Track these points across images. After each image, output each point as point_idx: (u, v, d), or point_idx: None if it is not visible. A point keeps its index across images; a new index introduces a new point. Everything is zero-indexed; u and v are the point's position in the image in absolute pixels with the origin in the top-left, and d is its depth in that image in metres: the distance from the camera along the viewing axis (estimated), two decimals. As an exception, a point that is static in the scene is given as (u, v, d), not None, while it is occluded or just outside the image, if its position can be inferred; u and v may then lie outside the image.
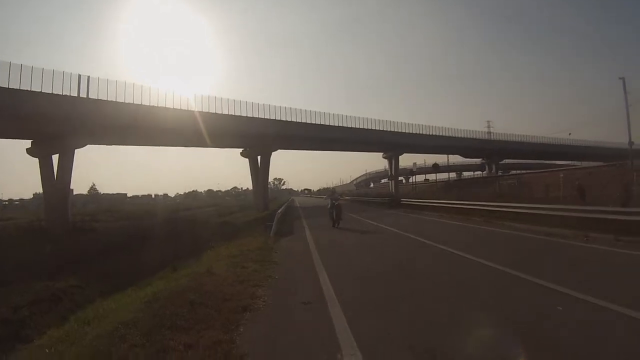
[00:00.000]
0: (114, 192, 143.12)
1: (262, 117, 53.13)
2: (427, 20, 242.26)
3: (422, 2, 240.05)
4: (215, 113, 48.25)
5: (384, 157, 74.76)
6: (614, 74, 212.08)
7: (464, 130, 77.50)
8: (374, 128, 65.34)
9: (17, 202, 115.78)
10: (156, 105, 43.27)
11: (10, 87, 32.53)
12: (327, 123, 60.22)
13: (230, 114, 49.82)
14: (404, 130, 68.86)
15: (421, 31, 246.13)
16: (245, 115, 51.26)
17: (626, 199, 21.83)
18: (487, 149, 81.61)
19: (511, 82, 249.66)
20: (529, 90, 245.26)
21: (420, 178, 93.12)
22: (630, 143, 49.00)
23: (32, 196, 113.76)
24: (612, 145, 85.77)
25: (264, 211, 45.44)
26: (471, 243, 14.04)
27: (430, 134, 72.13)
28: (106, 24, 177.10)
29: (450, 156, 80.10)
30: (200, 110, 46.81)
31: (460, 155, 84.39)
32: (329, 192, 29.77)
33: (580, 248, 12.23)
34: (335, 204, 23.31)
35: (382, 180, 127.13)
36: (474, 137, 79.59)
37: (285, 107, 55.95)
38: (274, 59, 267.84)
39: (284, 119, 55.58)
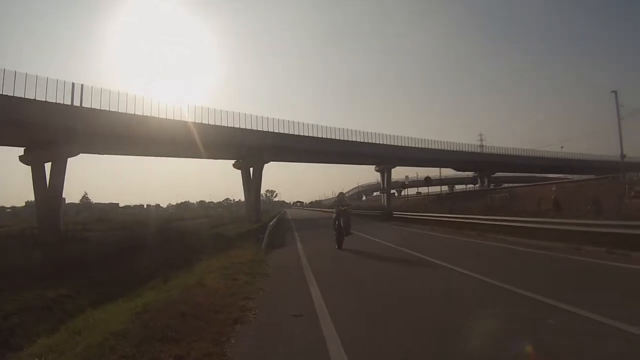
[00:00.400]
0: (106, 202, 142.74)
1: (255, 128, 53.38)
2: (420, 34, 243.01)
3: (409, 16, 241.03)
4: (209, 124, 48.49)
5: (376, 170, 75.10)
6: (608, 86, 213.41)
7: (456, 143, 78.28)
8: (367, 141, 65.82)
9: (9, 210, 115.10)
10: (149, 115, 43.39)
11: (3, 93, 32.49)
12: (320, 135, 60.53)
13: (223, 125, 50.02)
14: (396, 144, 69.41)
15: (415, 45, 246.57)
16: (238, 126, 51.47)
17: (596, 211, 22.23)
18: (479, 162, 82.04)
19: (504, 94, 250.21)
20: (521, 102, 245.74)
21: (412, 191, 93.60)
22: (622, 156, 49.59)
23: (24, 204, 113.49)
24: (605, 158, 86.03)
25: (256, 223, 45.44)
26: (461, 256, 14.17)
27: (423, 147, 72.63)
28: (100, 28, 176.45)
29: (443, 169, 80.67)
30: (194, 120, 46.96)
31: (453, 168, 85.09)
32: (336, 200, 20.70)
33: (573, 261, 12.33)
34: (342, 209, 18.27)
35: (374, 193, 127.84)
36: (466, 150, 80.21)
37: (279, 119, 56.43)
38: (269, 65, 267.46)
39: (277, 131, 55.89)
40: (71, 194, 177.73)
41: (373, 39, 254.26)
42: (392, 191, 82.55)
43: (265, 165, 57.67)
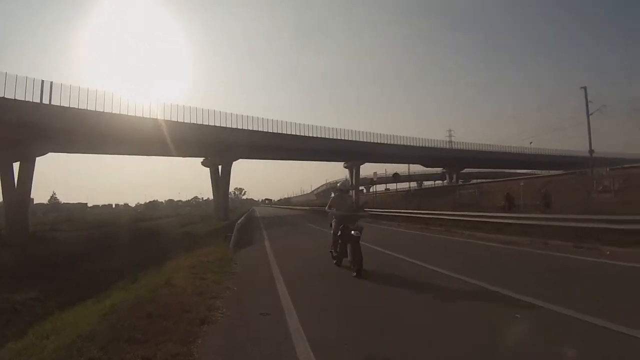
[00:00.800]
0: (75, 202, 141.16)
1: (226, 125, 53.48)
2: (389, 28, 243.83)
3: (384, 10, 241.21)
4: (178, 121, 48.55)
5: (345, 167, 76.04)
6: (577, 81, 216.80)
7: (424, 139, 79.35)
8: (335, 137, 66.34)
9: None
10: (119, 113, 43.13)
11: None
12: (289, 132, 60.96)
13: (192, 122, 50.04)
14: (365, 140, 70.05)
15: (383, 39, 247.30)
16: (207, 123, 51.52)
17: (545, 206, 22.86)
18: (448, 158, 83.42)
19: (474, 89, 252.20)
20: (491, 98, 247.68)
21: (381, 187, 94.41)
22: (591, 151, 50.53)
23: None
24: (574, 154, 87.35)
25: (225, 221, 45.63)
26: (432, 253, 14.41)
27: (391, 143, 73.43)
28: (71, 26, 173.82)
29: (411, 165, 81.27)
30: (164, 118, 46.85)
31: (421, 164, 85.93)
32: (336, 191, 12.70)
33: (540, 256, 12.62)
34: (351, 220, 11.14)
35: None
36: (435, 146, 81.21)
37: (249, 116, 56.76)
38: (239, 65, 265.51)
39: (247, 128, 55.94)
40: (39, 193, 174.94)
41: (348, 36, 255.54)
42: (361, 188, 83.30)
43: (234, 163, 58.05)
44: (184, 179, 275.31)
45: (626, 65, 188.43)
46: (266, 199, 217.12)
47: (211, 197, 68.99)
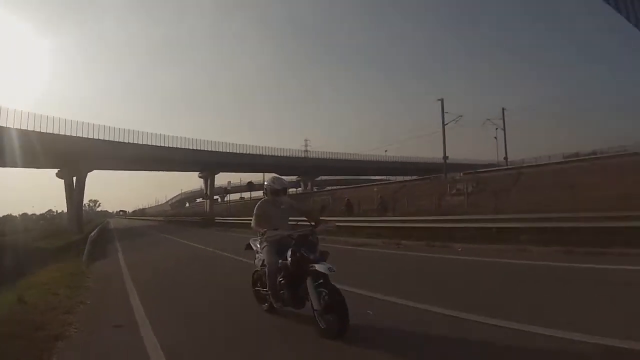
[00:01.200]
0: None
1: (80, 135, 51.96)
2: (251, 40, 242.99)
3: (248, 21, 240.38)
4: (29, 130, 46.26)
5: (200, 177, 77.10)
6: (435, 94, 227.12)
7: (279, 148, 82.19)
8: (190, 147, 66.80)
9: None
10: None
11: None
12: (144, 142, 60.57)
13: (45, 131, 47.92)
14: (220, 150, 70.90)
15: (244, 49, 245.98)
16: (63, 133, 49.83)
17: (382, 210, 24.62)
18: (303, 167, 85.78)
19: (334, 99, 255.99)
20: (352, 107, 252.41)
21: (235, 196, 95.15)
22: (445, 157, 54.82)
23: None
24: (430, 161, 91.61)
25: (79, 234, 44.29)
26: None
27: (246, 152, 75.01)
28: None
29: (267, 174, 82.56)
30: (14, 126, 44.81)
31: (275, 173, 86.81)
32: (265, 192, 7.28)
33: (394, 255, 13.84)
34: (306, 257, 5.92)
35: (198, 200, 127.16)
36: (290, 155, 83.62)
37: (103, 126, 55.46)
38: (100, 76, 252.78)
39: (101, 137, 54.87)
40: None
41: (205, 49, 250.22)
42: (216, 197, 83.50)
43: (90, 174, 56.63)
44: (38, 192, 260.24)
45: (481, 78, 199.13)
46: (121, 211, 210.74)
47: (65, 210, 66.04)
